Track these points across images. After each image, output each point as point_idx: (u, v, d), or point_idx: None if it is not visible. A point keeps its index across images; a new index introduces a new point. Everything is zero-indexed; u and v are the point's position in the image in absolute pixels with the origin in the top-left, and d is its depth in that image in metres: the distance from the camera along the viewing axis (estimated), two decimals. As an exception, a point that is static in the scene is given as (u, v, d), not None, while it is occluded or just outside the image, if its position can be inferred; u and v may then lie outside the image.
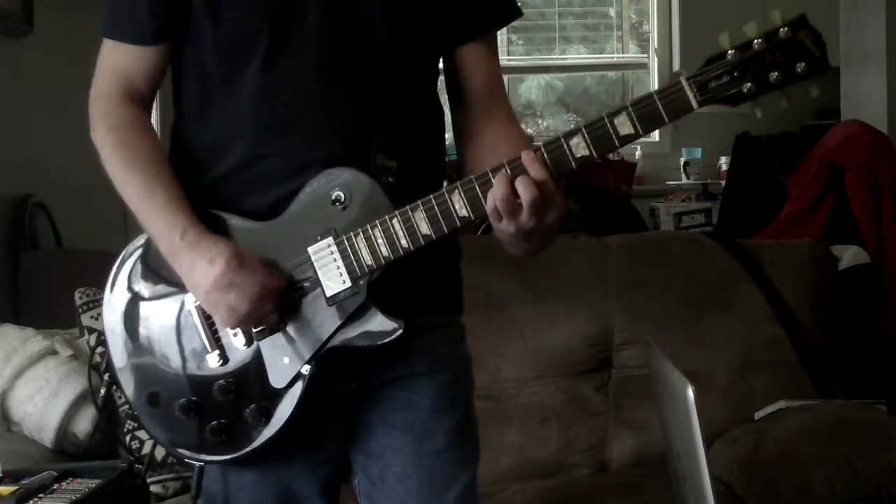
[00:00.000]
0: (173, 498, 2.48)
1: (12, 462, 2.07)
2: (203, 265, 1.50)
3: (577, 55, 7.09)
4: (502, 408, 2.70)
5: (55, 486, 1.71)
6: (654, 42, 6.74)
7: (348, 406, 1.63)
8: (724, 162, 6.12)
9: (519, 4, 1.70)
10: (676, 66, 6.48)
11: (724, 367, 2.76)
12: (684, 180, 6.30)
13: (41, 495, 1.68)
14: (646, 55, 6.89)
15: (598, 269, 2.83)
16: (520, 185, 1.43)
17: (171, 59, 1.61)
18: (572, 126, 1.80)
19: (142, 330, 1.59)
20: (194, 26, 1.55)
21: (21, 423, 2.53)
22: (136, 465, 1.80)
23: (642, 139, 6.49)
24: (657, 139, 6.58)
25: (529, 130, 6.59)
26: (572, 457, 2.71)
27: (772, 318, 2.80)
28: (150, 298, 1.59)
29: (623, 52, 7.01)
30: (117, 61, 1.59)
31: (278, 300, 1.52)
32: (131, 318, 1.60)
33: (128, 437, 2.45)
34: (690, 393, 1.47)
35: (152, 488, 2.43)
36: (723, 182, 5.81)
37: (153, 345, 1.59)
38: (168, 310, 1.58)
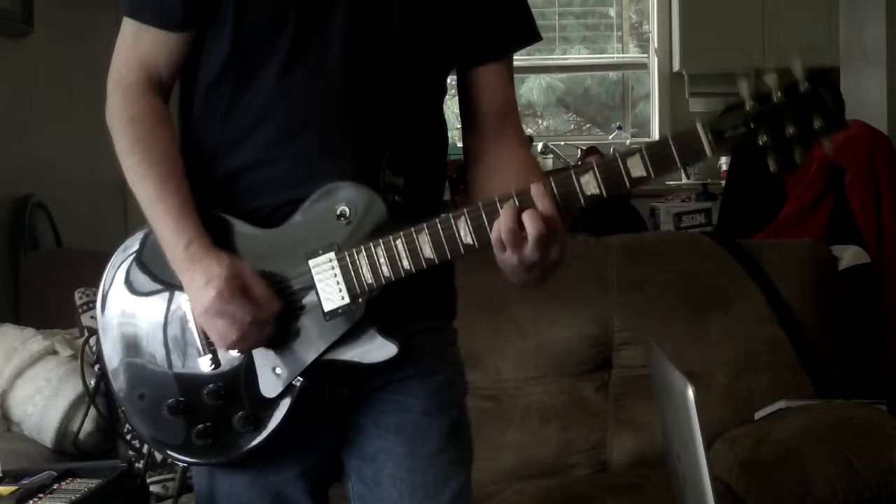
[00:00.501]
0: (173, 498, 2.48)
1: (12, 462, 2.06)
2: (199, 284, 1.48)
3: (577, 55, 7.08)
4: (502, 408, 2.70)
5: (55, 486, 1.71)
6: (654, 42, 6.73)
7: (340, 410, 1.62)
8: (724, 162, 6.10)
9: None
10: (676, 66, 6.46)
11: (724, 367, 2.76)
12: (684, 180, 6.28)
13: (41, 495, 1.67)
14: (646, 55, 6.88)
15: (598, 269, 2.83)
16: (527, 218, 1.41)
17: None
18: (572, 126, 1.79)
19: (135, 328, 1.58)
20: (219, 19, 1.52)
21: (21, 423, 2.53)
22: (136, 465, 1.80)
23: (642, 138, 6.50)
24: (657, 139, 6.55)
25: (529, 130, 6.59)
26: (572, 457, 2.71)
27: (772, 318, 2.80)
28: (145, 298, 1.58)
29: (623, 52, 7.00)
30: (141, 48, 1.55)
31: (272, 330, 1.50)
32: (125, 316, 1.59)
33: (129, 436, 2.45)
34: (690, 393, 1.47)
35: (152, 488, 2.43)
36: (723, 182, 5.78)
37: (146, 343, 1.57)
38: (162, 310, 1.57)
